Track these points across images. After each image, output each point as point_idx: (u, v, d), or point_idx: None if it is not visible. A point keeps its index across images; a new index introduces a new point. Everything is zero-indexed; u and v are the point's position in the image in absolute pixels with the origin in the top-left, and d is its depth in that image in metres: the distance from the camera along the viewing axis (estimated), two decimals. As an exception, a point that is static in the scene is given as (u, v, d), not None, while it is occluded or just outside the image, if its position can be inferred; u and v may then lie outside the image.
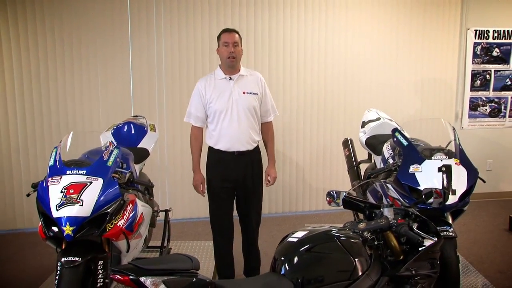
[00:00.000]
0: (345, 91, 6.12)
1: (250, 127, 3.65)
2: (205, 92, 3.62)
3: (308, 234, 2.45)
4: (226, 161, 3.66)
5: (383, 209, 2.64)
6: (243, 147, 3.64)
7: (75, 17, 5.42)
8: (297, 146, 6.14)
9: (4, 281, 4.25)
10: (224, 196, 3.74)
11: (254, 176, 3.76)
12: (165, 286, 1.91)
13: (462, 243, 5.04)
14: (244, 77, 3.67)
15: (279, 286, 2.24)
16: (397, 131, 3.66)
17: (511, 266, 4.48)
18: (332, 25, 5.97)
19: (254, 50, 5.81)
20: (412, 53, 6.22)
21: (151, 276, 1.92)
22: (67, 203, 2.75)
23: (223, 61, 3.61)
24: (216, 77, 3.65)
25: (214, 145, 3.68)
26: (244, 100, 3.61)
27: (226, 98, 3.58)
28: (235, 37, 3.56)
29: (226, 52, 3.53)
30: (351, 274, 2.31)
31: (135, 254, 3.43)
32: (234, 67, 3.61)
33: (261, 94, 3.72)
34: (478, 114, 6.57)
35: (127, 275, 1.92)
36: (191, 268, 2.00)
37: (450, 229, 3.19)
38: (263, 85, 3.77)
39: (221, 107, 3.58)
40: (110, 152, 3.08)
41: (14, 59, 5.32)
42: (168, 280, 1.92)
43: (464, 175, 3.25)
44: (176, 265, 2.00)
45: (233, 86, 3.60)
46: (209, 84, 3.63)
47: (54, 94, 5.48)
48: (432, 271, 2.56)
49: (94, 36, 5.49)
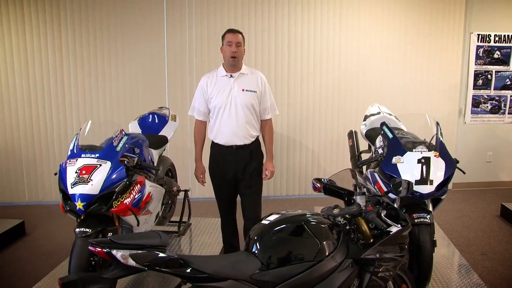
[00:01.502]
0: (356, 87, 5.88)
1: (247, 122, 3.40)
2: (207, 88, 3.42)
3: (279, 217, 2.33)
4: (225, 155, 3.44)
5: (356, 196, 2.49)
6: (240, 141, 3.41)
7: (118, 17, 5.45)
8: (313, 136, 5.96)
9: (38, 242, 4.34)
10: (224, 185, 3.52)
11: (253, 168, 3.49)
12: (132, 259, 1.84)
13: (454, 227, 4.79)
14: (244, 75, 3.44)
15: (246, 263, 2.13)
16: (385, 125, 3.45)
17: (494, 249, 4.20)
18: (345, 28, 5.73)
19: (275, 49, 5.66)
20: (419, 54, 5.90)
21: (122, 250, 1.85)
22: (80, 182, 2.74)
23: (225, 59, 3.39)
24: (218, 74, 3.44)
25: (214, 138, 3.49)
26: (243, 97, 3.37)
27: (226, 94, 3.36)
28: (239, 38, 3.35)
29: (228, 51, 3.32)
30: (316, 255, 2.18)
31: (147, 228, 3.38)
32: (236, 65, 3.39)
33: (260, 92, 3.46)
34: (480, 111, 6.19)
35: (102, 247, 1.85)
36: (159, 245, 1.91)
37: (428, 216, 3.00)
38: (264, 84, 3.50)
39: (221, 103, 3.36)
40: (120, 139, 3.04)
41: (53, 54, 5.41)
42: (135, 253, 1.85)
43: (442, 166, 3.03)
44: (146, 241, 1.92)
45: (233, 84, 3.38)
46: (211, 81, 3.43)
47: (102, 88, 5.55)
48: (398, 255, 2.38)
49: (134, 35, 5.50)
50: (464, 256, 3.93)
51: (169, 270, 1.94)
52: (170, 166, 4.33)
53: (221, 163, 3.47)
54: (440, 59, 5.93)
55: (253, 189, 3.53)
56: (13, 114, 5.51)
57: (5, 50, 5.39)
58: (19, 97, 5.50)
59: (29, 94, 5.50)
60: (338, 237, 2.31)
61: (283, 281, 2.12)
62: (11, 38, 5.37)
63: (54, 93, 5.53)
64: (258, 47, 5.64)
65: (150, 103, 5.39)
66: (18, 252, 4.17)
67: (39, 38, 5.41)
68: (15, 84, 5.47)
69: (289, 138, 5.93)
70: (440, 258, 3.76)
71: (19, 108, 5.52)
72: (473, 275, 3.48)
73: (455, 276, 3.47)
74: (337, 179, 2.70)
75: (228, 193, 3.56)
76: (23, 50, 5.41)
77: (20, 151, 5.57)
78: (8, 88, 5.47)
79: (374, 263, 2.29)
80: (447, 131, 6.05)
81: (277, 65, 5.71)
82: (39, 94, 5.51)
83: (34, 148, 5.59)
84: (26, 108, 5.52)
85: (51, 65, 5.47)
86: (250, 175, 3.48)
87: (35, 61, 5.45)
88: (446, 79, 5.99)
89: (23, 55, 5.42)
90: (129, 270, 1.92)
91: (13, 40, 5.38)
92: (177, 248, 4.07)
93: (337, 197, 2.64)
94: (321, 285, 2.17)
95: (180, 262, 1.95)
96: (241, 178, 3.48)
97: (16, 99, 5.50)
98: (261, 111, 3.52)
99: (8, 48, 5.39)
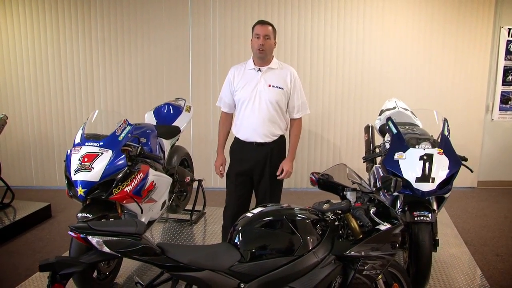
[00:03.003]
0: (379, 82, 5.66)
1: (270, 120, 3.16)
2: (234, 80, 3.22)
3: (263, 210, 2.26)
4: (245, 151, 3.24)
5: (346, 192, 2.40)
6: (260, 139, 3.18)
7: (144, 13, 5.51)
8: (335, 130, 5.80)
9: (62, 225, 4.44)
10: (238, 183, 3.28)
11: (273, 167, 3.24)
12: (105, 245, 1.83)
13: (472, 225, 4.55)
14: (273, 70, 3.19)
15: (225, 255, 2.08)
16: (390, 120, 3.30)
17: (510, 251, 3.95)
18: (369, 22, 5.52)
19: (297, 41, 5.55)
20: (445, 49, 5.59)
21: (98, 236, 1.85)
22: (82, 169, 2.78)
23: (254, 52, 3.18)
24: (246, 66, 3.23)
25: (236, 133, 3.30)
26: (268, 93, 3.13)
27: (251, 88, 3.15)
28: (267, 30, 3.11)
29: (256, 44, 3.10)
30: (297, 250, 2.11)
31: (154, 216, 3.40)
32: (264, 59, 3.16)
33: (288, 89, 3.19)
34: (509, 107, 5.83)
35: (80, 233, 1.86)
36: (134, 233, 1.90)
37: (429, 215, 2.84)
38: (294, 80, 3.22)
39: (245, 97, 3.16)
40: (123, 128, 3.04)
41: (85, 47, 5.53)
42: (109, 240, 1.84)
43: (445, 164, 2.87)
44: (121, 229, 1.90)
45: (260, 78, 3.15)
46: (239, 73, 3.23)
47: (129, 77, 5.65)
48: (386, 254, 2.27)
49: (160, 31, 5.54)
50: (476, 257, 3.73)
51: (143, 258, 1.92)
52: (185, 156, 4.34)
53: (239, 158, 3.29)
54: (467, 54, 5.61)
55: (273, 188, 3.27)
56: (46, 102, 5.70)
57: (33, 38, 5.58)
58: (52, 85, 5.67)
59: (61, 81, 5.65)
60: (323, 232, 2.23)
61: (262, 274, 2.06)
62: (45, 28, 5.56)
63: (84, 80, 5.66)
64: (281, 40, 5.54)
65: (174, 93, 5.42)
66: (42, 232, 4.32)
67: (70, 26, 5.54)
68: (48, 72, 5.65)
69: (310, 131, 5.81)
70: (447, 257, 3.59)
71: (52, 96, 5.69)
72: (478, 276, 3.30)
73: (459, 276, 3.29)
74: (333, 173, 2.60)
75: (239, 190, 3.29)
76: (55, 38, 5.57)
77: (52, 138, 5.76)
78: (42, 74, 5.65)
79: (359, 260, 2.19)
80: (473, 128, 5.77)
81: (299, 58, 5.59)
82: (70, 81, 5.66)
83: (65, 134, 5.75)
84: (58, 95, 5.69)
85: (82, 54, 5.61)
86: (270, 173, 3.23)
87: (67, 48, 5.59)
88: (473, 74, 5.66)
89: (55, 43, 5.57)
90: (104, 256, 1.92)
91: (40, 29, 5.55)
92: (188, 237, 4.09)
93: (332, 192, 2.54)
94: (301, 280, 2.10)
95: (155, 250, 1.93)
96: (259, 176, 3.25)
97: (49, 87, 5.68)
98: (289, 109, 3.27)
99: (36, 37, 5.58)
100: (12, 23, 5.55)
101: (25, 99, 5.71)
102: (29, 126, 5.76)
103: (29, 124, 5.76)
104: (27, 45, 5.59)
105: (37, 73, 5.65)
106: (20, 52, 5.61)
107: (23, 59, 5.62)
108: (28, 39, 5.58)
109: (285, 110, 3.26)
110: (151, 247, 1.91)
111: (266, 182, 3.24)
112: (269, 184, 3.25)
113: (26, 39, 5.58)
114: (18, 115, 5.72)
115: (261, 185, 3.26)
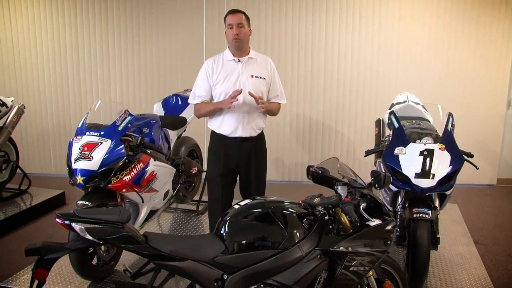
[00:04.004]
0: (395, 75, 5.51)
1: (256, 112, 3.06)
2: (212, 73, 3.06)
3: (250, 203, 2.25)
4: (228, 147, 3.10)
5: (337, 186, 2.35)
6: (246, 133, 3.07)
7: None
8: (349, 123, 5.71)
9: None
10: (223, 183, 3.14)
11: (258, 163, 3.17)
12: (87, 232, 1.86)
13: (486, 224, 4.40)
14: (253, 60, 3.10)
15: (210, 246, 2.08)
16: (392, 114, 3.21)
17: (522, 252, 3.80)
18: (385, 13, 5.38)
19: (311, 32, 5.47)
20: (465, 42, 5.38)
21: (81, 223, 1.88)
22: (81, 158, 2.84)
23: (229, 43, 3.07)
24: (224, 58, 3.09)
25: (216, 128, 3.13)
26: (252, 84, 3.02)
27: (233, 80, 3.02)
28: (240, 18, 2.99)
29: (231, 35, 2.99)
30: (281, 244, 2.08)
31: (156, 206, 3.44)
32: (241, 48, 3.04)
33: (269, 79, 3.13)
34: (532, 103, 5.57)
35: (64, 220, 1.89)
36: (117, 221, 1.92)
37: (429, 212, 2.76)
38: (273, 70, 3.16)
39: (228, 90, 3.00)
40: (123, 119, 3.08)
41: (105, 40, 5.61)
42: (91, 227, 1.87)
43: (446, 160, 2.77)
44: (104, 217, 1.93)
45: (241, 69, 3.04)
46: (217, 65, 3.07)
47: (143, 66, 5.71)
48: (376, 250, 2.21)
49: (175, 24, 5.58)
50: (486, 256, 3.61)
51: (125, 246, 1.94)
52: (194, 147, 4.36)
53: (222, 156, 3.12)
54: (488, 47, 5.38)
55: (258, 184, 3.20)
56: (65, 92, 5.84)
57: (53, 32, 5.72)
58: (70, 76, 5.80)
59: (79, 72, 5.78)
60: (311, 226, 2.19)
61: (245, 267, 2.05)
62: (64, 21, 5.68)
63: (101, 70, 5.76)
64: (296, 33, 5.50)
65: (188, 84, 5.41)
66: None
67: (88, 19, 5.65)
68: (67, 63, 5.78)
69: (324, 124, 5.74)
70: (453, 255, 3.48)
71: (70, 86, 5.82)
72: (483, 276, 3.18)
73: (463, 275, 3.19)
74: (329, 167, 2.55)
75: (224, 191, 3.16)
76: (74, 31, 5.69)
77: (70, 127, 5.87)
78: (61, 65, 5.79)
79: (346, 256, 2.15)
80: (493, 123, 5.56)
81: (313, 49, 5.51)
82: (87, 72, 5.78)
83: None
84: (76, 85, 5.82)
85: (99, 46, 5.71)
86: (253, 172, 3.16)
87: (84, 41, 5.71)
88: (494, 68, 5.43)
89: (74, 35, 5.70)
90: (88, 243, 1.95)
91: (60, 23, 5.68)
92: (194, 227, 4.12)
93: (327, 186, 2.50)
94: (284, 274, 2.07)
95: (137, 239, 1.94)
96: (242, 175, 3.18)
97: (68, 78, 5.81)
98: (269, 99, 3.18)
99: (56, 30, 5.71)
100: (33, 16, 5.69)
101: (44, 90, 5.86)
102: (49, 116, 5.92)
103: (49, 114, 5.92)
104: (47, 38, 5.74)
105: (56, 64, 5.78)
106: (41, 45, 5.75)
107: (43, 51, 5.77)
108: (48, 33, 5.72)
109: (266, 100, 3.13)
110: (132, 235, 1.92)
111: (251, 178, 3.17)
112: (255, 179, 3.18)
113: (46, 33, 5.73)
114: (38, 105, 5.88)
115: (246, 182, 3.19)
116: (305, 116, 5.73)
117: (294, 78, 5.60)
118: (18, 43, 5.77)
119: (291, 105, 5.66)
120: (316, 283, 2.15)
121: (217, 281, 2.02)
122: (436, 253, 3.49)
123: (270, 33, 5.52)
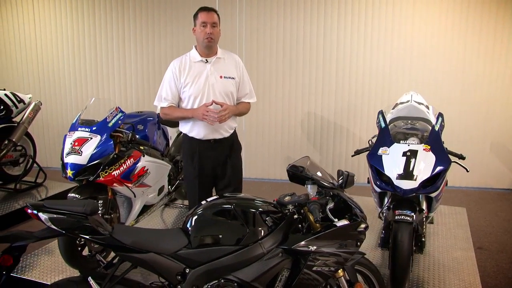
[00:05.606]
0: (409, 74, 5.38)
1: None
2: (180, 75, 2.93)
3: (215, 200, 2.28)
4: (202, 150, 3.00)
5: (307, 185, 2.35)
6: (219, 135, 2.99)
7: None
8: (361, 123, 5.63)
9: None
10: (199, 184, 3.05)
11: (233, 162, 3.11)
12: (51, 222, 1.94)
13: (494, 229, 4.24)
14: (221, 60, 2.99)
15: (173, 239, 2.12)
16: (380, 113, 3.16)
17: (526, 259, 3.63)
18: (399, 10, 5.27)
19: (324, 30, 5.44)
20: (481, 40, 5.17)
21: (48, 213, 1.96)
22: (72, 152, 2.95)
23: (199, 42, 2.93)
24: (191, 59, 2.96)
25: (188, 132, 3.01)
26: (221, 85, 2.94)
27: (202, 82, 2.91)
28: (214, 17, 2.89)
29: (203, 33, 2.86)
30: (242, 240, 2.10)
31: (151, 201, 3.52)
32: (211, 48, 2.94)
33: (239, 79, 3.03)
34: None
35: (33, 210, 1.99)
36: (81, 212, 1.99)
37: (412, 214, 2.69)
38: (242, 68, 3.07)
39: (197, 92, 2.91)
40: (114, 115, 3.17)
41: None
42: (55, 218, 1.95)
43: (431, 161, 2.69)
44: (70, 208, 2.00)
45: (210, 70, 2.94)
46: (184, 67, 2.94)
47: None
48: (343, 251, 2.19)
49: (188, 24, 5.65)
50: (488, 262, 3.49)
51: (88, 237, 2.01)
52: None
53: (196, 159, 3.02)
54: (506, 45, 5.16)
55: (235, 184, 3.14)
56: (84, 89, 6.09)
57: (73, 32, 5.95)
58: (89, 73, 6.03)
59: (96, 70, 6.00)
60: (275, 224, 2.20)
61: (207, 261, 2.08)
62: (83, 20, 5.91)
63: (117, 69, 5.95)
64: (307, 32, 5.47)
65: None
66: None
67: (105, 17, 5.86)
68: (85, 61, 6.02)
69: (336, 124, 5.68)
70: (449, 260, 3.37)
71: (88, 83, 6.06)
72: (475, 284, 3.05)
73: (455, 281, 3.08)
74: (306, 165, 2.54)
75: (201, 194, 3.04)
76: (92, 31, 5.91)
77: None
78: (80, 63, 6.04)
79: (309, 255, 2.14)
80: (509, 124, 5.30)
81: (325, 47, 5.47)
82: (104, 69, 5.98)
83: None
84: (94, 82, 6.06)
85: (115, 43, 5.91)
86: (230, 172, 3.09)
87: (102, 40, 5.91)
88: (509, 67, 5.20)
89: (92, 30, 5.92)
90: (53, 233, 2.03)
91: (79, 22, 5.90)
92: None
93: (303, 185, 2.50)
94: (245, 270, 2.09)
95: (99, 230, 2.01)
96: (219, 175, 3.10)
97: (86, 76, 6.04)
98: (239, 98, 3.10)
99: (75, 30, 5.94)
100: (54, 15, 5.98)
101: (64, 87, 6.14)
102: (68, 112, 6.19)
103: (68, 110, 6.19)
104: (67, 36, 6.01)
105: (75, 63, 6.04)
106: (61, 44, 6.04)
107: (63, 50, 6.05)
108: (69, 31, 5.98)
109: (235, 100, 3.09)
110: (93, 227, 2.00)
111: (228, 179, 3.10)
112: (232, 177, 3.12)
113: (67, 31, 5.99)
114: (57, 101, 6.19)
115: (222, 183, 3.11)
116: (316, 116, 5.69)
117: (305, 78, 5.58)
118: (41, 42, 6.08)
119: (303, 105, 5.65)
120: (277, 281, 2.15)
121: (179, 274, 2.07)
122: (430, 257, 3.41)
123: (281, 33, 5.52)
